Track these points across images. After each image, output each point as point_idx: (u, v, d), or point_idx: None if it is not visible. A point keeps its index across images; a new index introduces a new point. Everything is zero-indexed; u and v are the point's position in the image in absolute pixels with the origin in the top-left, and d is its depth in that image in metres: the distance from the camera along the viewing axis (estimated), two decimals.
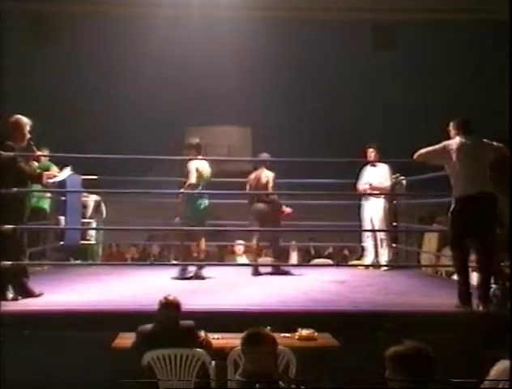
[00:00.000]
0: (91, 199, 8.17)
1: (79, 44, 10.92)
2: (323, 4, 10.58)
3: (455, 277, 5.06)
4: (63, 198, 7.03)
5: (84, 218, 7.85)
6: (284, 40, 10.90)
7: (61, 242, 7.31)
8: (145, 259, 9.19)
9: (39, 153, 5.09)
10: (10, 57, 9.08)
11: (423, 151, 4.98)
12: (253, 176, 6.97)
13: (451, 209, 4.83)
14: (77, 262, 7.73)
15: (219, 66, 10.90)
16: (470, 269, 4.87)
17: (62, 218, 7.17)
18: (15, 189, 4.81)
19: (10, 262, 4.77)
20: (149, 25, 10.09)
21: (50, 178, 5.24)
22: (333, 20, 10.89)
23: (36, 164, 5.05)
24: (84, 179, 7.40)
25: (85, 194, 7.88)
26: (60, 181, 6.03)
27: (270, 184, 6.82)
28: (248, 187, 6.97)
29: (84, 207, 7.95)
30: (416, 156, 5.04)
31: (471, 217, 4.69)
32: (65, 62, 10.99)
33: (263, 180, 6.84)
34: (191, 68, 10.83)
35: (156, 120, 11.24)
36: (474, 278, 4.97)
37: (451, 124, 4.95)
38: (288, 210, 7.05)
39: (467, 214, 4.70)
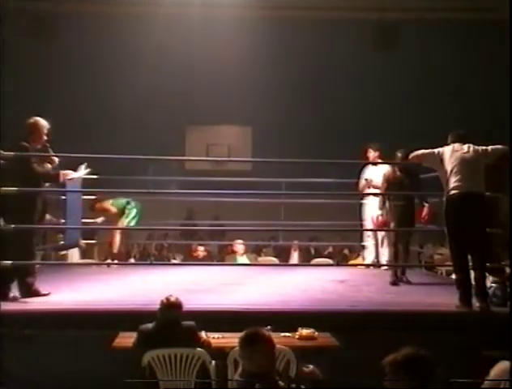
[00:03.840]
0: None
1: (80, 44, 10.91)
2: (324, 3, 10.56)
3: (453, 276, 5.06)
4: (63, 197, 7.02)
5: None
6: (285, 40, 10.89)
7: (62, 242, 7.31)
8: (145, 259, 9.18)
9: (54, 155, 5.12)
10: (10, 55, 9.09)
11: (418, 152, 5.14)
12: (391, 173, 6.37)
13: (443, 210, 4.89)
14: (77, 262, 7.74)
15: (219, 66, 10.89)
16: (469, 269, 4.87)
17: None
18: (14, 188, 4.81)
19: (13, 262, 4.77)
20: (149, 24, 10.07)
21: (67, 176, 5.29)
22: (333, 20, 10.87)
23: (49, 165, 5.07)
24: (84, 179, 7.40)
25: None
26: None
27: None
28: (385, 185, 6.35)
29: None
30: (411, 156, 5.23)
31: (461, 217, 4.76)
32: (64, 61, 10.98)
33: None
34: (191, 67, 10.82)
35: (157, 119, 11.24)
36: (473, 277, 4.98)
37: (448, 137, 5.09)
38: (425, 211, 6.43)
39: (458, 214, 4.77)
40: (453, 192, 4.78)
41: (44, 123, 5.05)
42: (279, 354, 3.58)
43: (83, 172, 5.64)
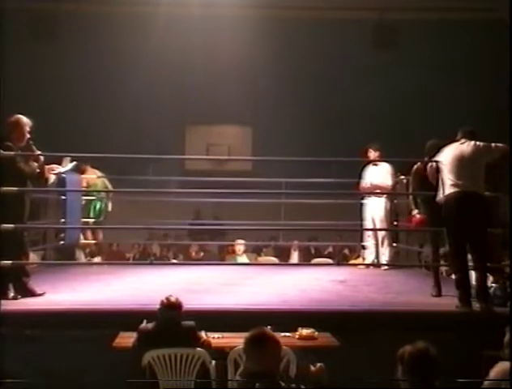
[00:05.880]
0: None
1: (79, 44, 10.91)
2: (324, 3, 10.57)
3: (453, 276, 5.06)
4: (63, 197, 7.03)
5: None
6: (285, 40, 10.89)
7: (62, 242, 7.31)
8: (145, 259, 9.19)
9: (38, 153, 5.08)
10: (10, 55, 9.09)
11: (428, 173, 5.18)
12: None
13: (443, 210, 4.88)
14: (77, 261, 7.73)
15: (219, 66, 10.89)
16: (469, 269, 4.87)
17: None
18: (15, 188, 4.80)
19: (10, 262, 4.77)
20: (149, 24, 10.07)
21: (53, 170, 5.25)
22: (333, 19, 10.88)
23: (35, 164, 5.04)
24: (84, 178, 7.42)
25: None
26: (60, 180, 6.04)
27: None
28: (417, 180, 5.71)
29: None
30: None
31: (460, 217, 4.75)
32: (64, 61, 10.98)
33: None
34: (191, 67, 10.81)
35: (157, 119, 11.24)
36: (473, 277, 4.98)
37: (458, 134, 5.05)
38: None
39: (456, 214, 4.76)
40: (451, 191, 4.78)
41: (26, 121, 5.00)
42: (282, 357, 3.59)
43: (69, 166, 5.58)
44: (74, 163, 5.63)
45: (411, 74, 11.20)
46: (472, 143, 4.85)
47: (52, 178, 5.40)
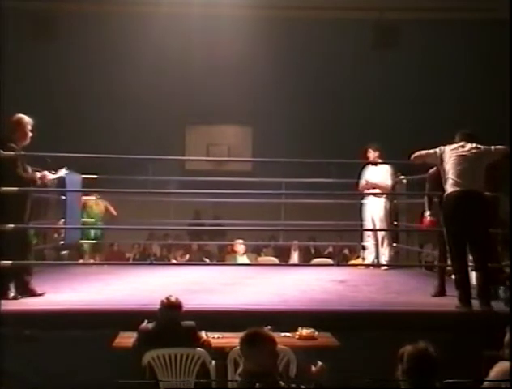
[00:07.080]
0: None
1: (79, 44, 10.91)
2: (324, 3, 10.58)
3: (453, 277, 5.05)
4: (63, 197, 7.03)
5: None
6: (285, 40, 10.90)
7: (62, 242, 7.31)
8: (145, 259, 9.19)
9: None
10: (10, 55, 9.09)
11: (422, 152, 5.10)
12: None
13: (443, 209, 4.88)
14: (77, 261, 7.75)
15: (219, 66, 10.89)
16: (469, 269, 4.87)
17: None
18: (15, 188, 4.80)
19: (11, 261, 4.77)
20: (149, 25, 10.09)
21: (44, 178, 5.21)
22: (333, 19, 10.89)
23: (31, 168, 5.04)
24: (84, 178, 7.41)
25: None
26: (60, 181, 6.04)
27: None
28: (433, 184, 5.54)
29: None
30: (412, 157, 5.17)
31: (458, 216, 4.74)
32: (64, 61, 10.98)
33: None
34: (191, 67, 10.82)
35: (157, 119, 11.24)
36: (473, 277, 4.97)
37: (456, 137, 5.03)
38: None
39: (455, 213, 4.76)
40: (450, 191, 4.78)
41: (27, 120, 4.96)
42: (278, 354, 3.59)
43: (62, 171, 5.55)
44: (65, 168, 5.60)
45: (411, 74, 11.20)
46: (474, 145, 4.86)
47: (51, 177, 5.40)
